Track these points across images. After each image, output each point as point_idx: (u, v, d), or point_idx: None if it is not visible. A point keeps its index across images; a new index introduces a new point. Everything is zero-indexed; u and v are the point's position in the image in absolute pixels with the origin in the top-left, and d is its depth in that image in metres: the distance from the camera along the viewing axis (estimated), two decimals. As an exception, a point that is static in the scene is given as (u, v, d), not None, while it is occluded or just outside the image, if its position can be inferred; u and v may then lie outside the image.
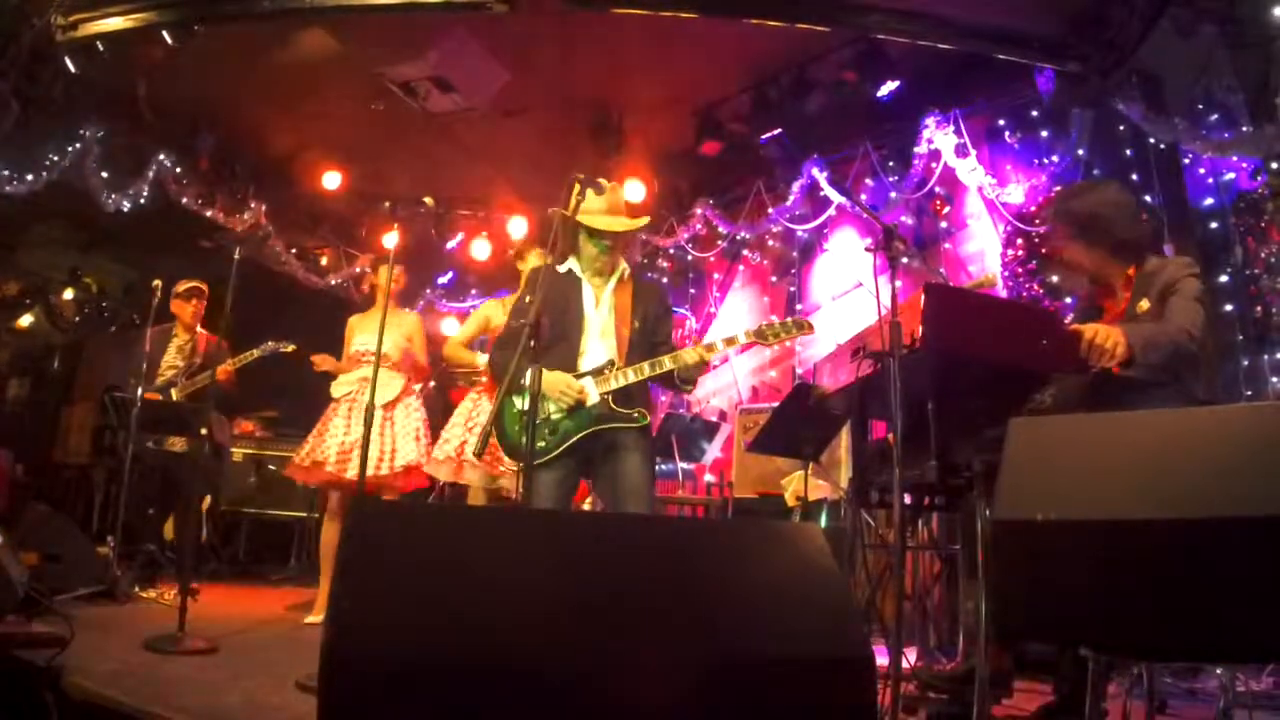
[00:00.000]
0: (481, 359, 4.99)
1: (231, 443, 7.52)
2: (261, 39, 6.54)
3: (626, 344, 3.52)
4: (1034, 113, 6.32)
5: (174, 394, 5.67)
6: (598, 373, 3.47)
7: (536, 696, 1.49)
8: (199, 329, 6.04)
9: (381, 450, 4.85)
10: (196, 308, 5.98)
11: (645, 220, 3.93)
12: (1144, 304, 3.06)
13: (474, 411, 5.00)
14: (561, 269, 3.64)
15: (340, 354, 5.27)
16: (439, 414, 5.59)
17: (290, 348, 5.50)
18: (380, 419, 4.86)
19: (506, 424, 3.53)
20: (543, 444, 3.41)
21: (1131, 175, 5.82)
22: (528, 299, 3.49)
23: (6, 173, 6.82)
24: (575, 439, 3.41)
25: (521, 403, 3.46)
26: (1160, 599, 1.63)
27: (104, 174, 7.26)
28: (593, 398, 3.44)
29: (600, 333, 3.56)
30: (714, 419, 7.15)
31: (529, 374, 3.43)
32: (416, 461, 4.99)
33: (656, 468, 4.18)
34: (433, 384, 7.64)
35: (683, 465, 6.64)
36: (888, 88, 6.61)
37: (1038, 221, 6.03)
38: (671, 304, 3.97)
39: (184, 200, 7.74)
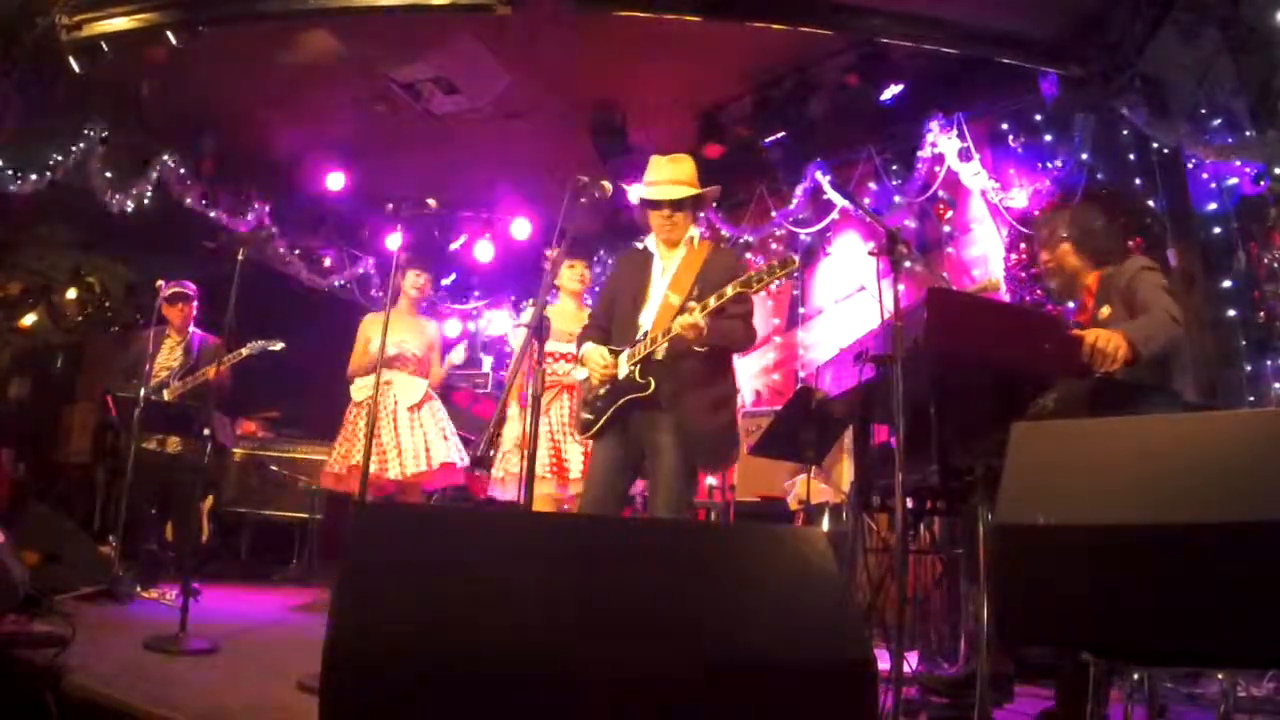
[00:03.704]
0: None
1: (234, 443, 7.52)
2: (265, 40, 6.55)
3: (674, 311, 3.48)
4: (1037, 117, 6.31)
5: (166, 395, 5.66)
6: (634, 344, 3.52)
7: (537, 698, 1.49)
8: (192, 329, 6.04)
9: (415, 448, 4.91)
10: (184, 311, 5.97)
11: (699, 191, 3.68)
12: (1105, 310, 3.09)
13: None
14: (640, 244, 3.81)
15: (348, 354, 5.29)
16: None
17: (278, 346, 5.50)
18: (409, 420, 4.96)
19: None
20: (591, 416, 3.59)
21: (1134, 180, 5.82)
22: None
23: (10, 172, 6.83)
24: (610, 411, 3.52)
25: (581, 375, 3.72)
26: (1161, 603, 1.63)
27: (107, 174, 7.27)
28: (624, 371, 3.50)
29: (657, 304, 3.61)
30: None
31: (583, 349, 3.65)
32: (450, 459, 5.03)
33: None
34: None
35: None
36: (891, 91, 6.61)
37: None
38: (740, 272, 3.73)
39: (187, 201, 7.75)
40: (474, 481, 6.18)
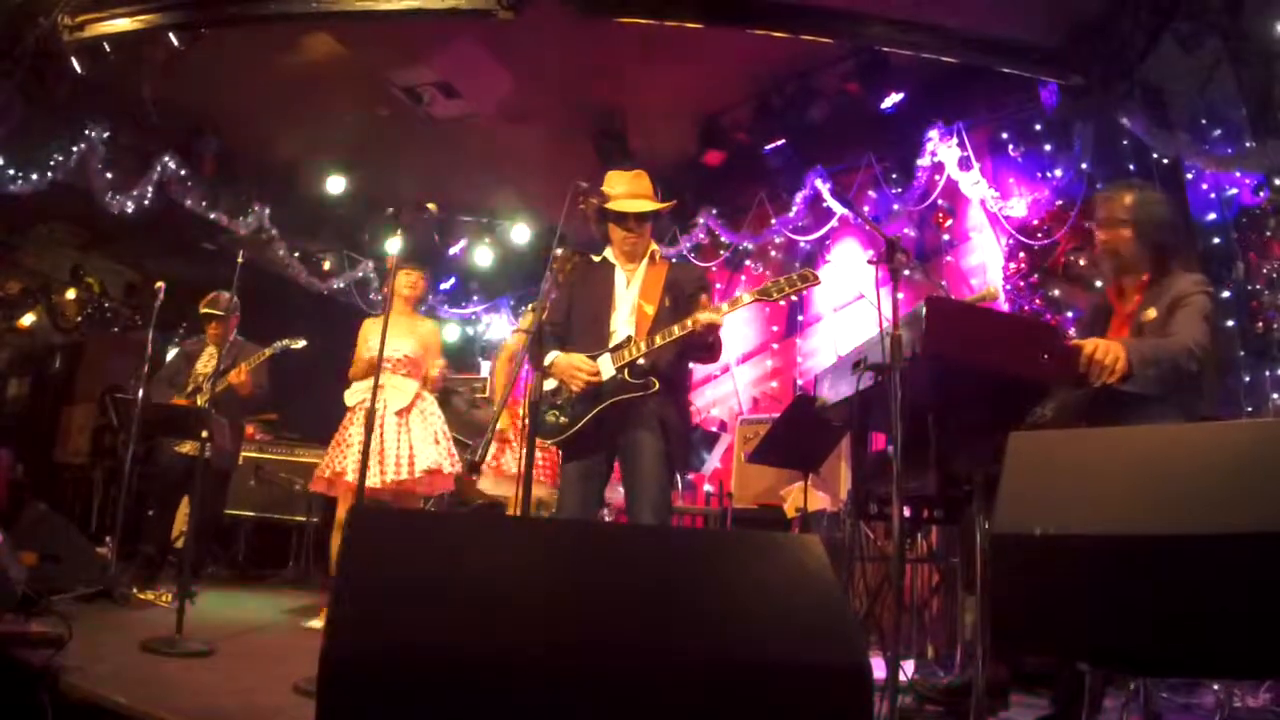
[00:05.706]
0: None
1: (237, 447, 7.50)
2: (267, 43, 6.57)
3: (650, 320, 3.56)
4: (1037, 126, 6.32)
5: (199, 400, 5.66)
6: (616, 349, 3.52)
7: (534, 703, 1.49)
8: (234, 336, 6.01)
9: (398, 455, 4.82)
10: (215, 329, 5.96)
11: (668, 204, 3.92)
12: (1151, 313, 3.04)
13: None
14: (597, 257, 3.82)
15: (349, 358, 5.26)
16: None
17: (300, 343, 5.51)
18: (396, 425, 4.86)
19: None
20: (564, 420, 3.55)
21: (1134, 189, 5.83)
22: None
23: (11, 172, 6.84)
24: (591, 414, 3.48)
25: (548, 385, 3.62)
26: (1158, 613, 1.63)
27: (108, 175, 7.27)
28: (607, 373, 3.49)
29: (629, 312, 3.64)
30: (714, 429, 7.15)
31: (548, 357, 3.54)
32: (438, 464, 4.95)
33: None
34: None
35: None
36: (891, 99, 6.62)
37: (1046, 228, 6.04)
38: (709, 284, 3.91)
39: (187, 202, 7.75)
40: (467, 486, 6.14)
